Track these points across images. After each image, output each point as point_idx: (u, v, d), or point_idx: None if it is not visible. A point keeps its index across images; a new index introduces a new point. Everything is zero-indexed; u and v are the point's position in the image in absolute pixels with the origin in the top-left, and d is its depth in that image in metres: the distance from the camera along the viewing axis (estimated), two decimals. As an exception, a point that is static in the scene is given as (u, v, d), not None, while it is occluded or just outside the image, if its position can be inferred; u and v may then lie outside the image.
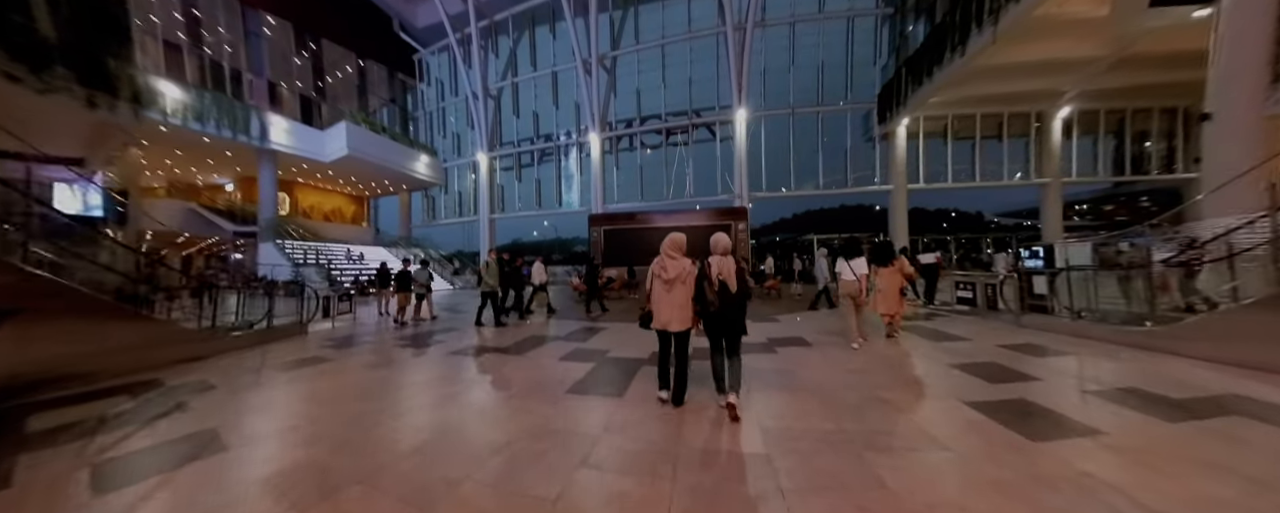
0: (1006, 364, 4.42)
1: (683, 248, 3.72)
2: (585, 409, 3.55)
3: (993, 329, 6.26)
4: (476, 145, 27.11)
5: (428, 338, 6.92)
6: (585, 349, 5.67)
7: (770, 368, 4.53)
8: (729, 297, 3.48)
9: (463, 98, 27.64)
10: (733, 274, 3.49)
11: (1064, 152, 19.64)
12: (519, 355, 5.42)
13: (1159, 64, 15.06)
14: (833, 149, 21.50)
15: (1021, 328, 6.21)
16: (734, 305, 3.49)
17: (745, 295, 3.53)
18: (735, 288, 3.48)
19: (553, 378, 4.37)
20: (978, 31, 11.76)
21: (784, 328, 6.90)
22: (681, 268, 3.57)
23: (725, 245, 3.60)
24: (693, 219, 17.32)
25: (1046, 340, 5.44)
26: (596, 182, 23.44)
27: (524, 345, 6.02)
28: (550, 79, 25.45)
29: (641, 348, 5.49)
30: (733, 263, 3.54)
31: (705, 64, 22.29)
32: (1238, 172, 5.80)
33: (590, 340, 6.27)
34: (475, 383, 4.38)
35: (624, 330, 7.00)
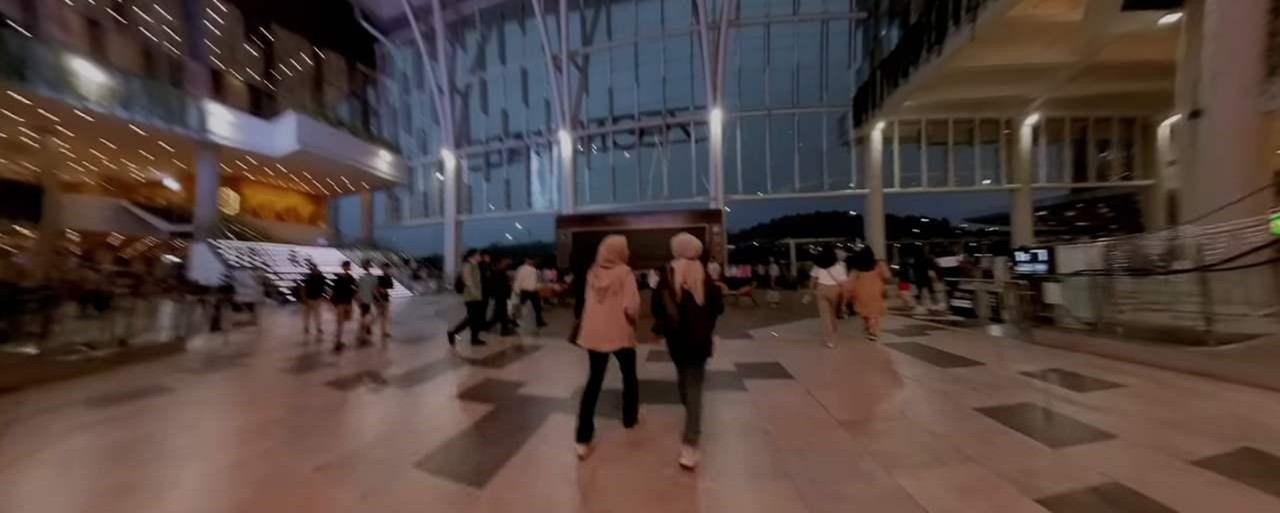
0: (1052, 406, 3.33)
1: (622, 253, 3.09)
2: (424, 496, 2.30)
3: (1001, 348, 5.38)
4: (442, 143, 25.91)
5: (319, 361, 5.58)
6: (496, 381, 4.44)
7: (735, 420, 3.28)
8: (694, 311, 2.82)
9: (428, 93, 26.41)
10: (699, 283, 2.85)
11: (1032, 158, 19.95)
12: (400, 389, 4.22)
13: (1121, 74, 15.43)
14: (809, 152, 21.29)
15: (1035, 346, 5.39)
16: (700, 322, 2.84)
17: (715, 310, 2.89)
18: (702, 300, 2.82)
19: (419, 428, 3.23)
20: (955, 30, 11.60)
21: (758, 349, 5.74)
22: (614, 276, 3.00)
23: (694, 248, 2.95)
24: (666, 221, 16.72)
25: (1077, 365, 4.46)
26: (567, 182, 22.62)
27: (420, 375, 4.78)
28: (519, 75, 24.52)
29: (574, 381, 4.31)
30: (700, 270, 2.90)
31: (679, 63, 21.81)
32: (1232, 170, 5.52)
33: (509, 367, 5.08)
34: (292, 440, 3.05)
35: (563, 353, 5.77)
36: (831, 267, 6.08)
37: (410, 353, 6.02)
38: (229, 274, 15.53)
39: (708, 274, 2.95)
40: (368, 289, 7.33)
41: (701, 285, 2.86)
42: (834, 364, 4.79)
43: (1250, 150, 5.42)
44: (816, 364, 4.80)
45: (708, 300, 2.85)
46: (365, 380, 4.54)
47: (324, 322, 7.90)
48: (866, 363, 4.88)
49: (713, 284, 2.91)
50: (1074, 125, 20.60)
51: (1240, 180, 5.47)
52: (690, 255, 2.94)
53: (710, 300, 2.87)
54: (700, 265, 2.93)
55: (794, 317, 9.02)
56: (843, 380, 4.16)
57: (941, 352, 5.25)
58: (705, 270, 2.95)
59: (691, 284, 2.85)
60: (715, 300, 2.89)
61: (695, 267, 2.90)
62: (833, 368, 4.66)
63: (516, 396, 3.95)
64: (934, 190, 20.67)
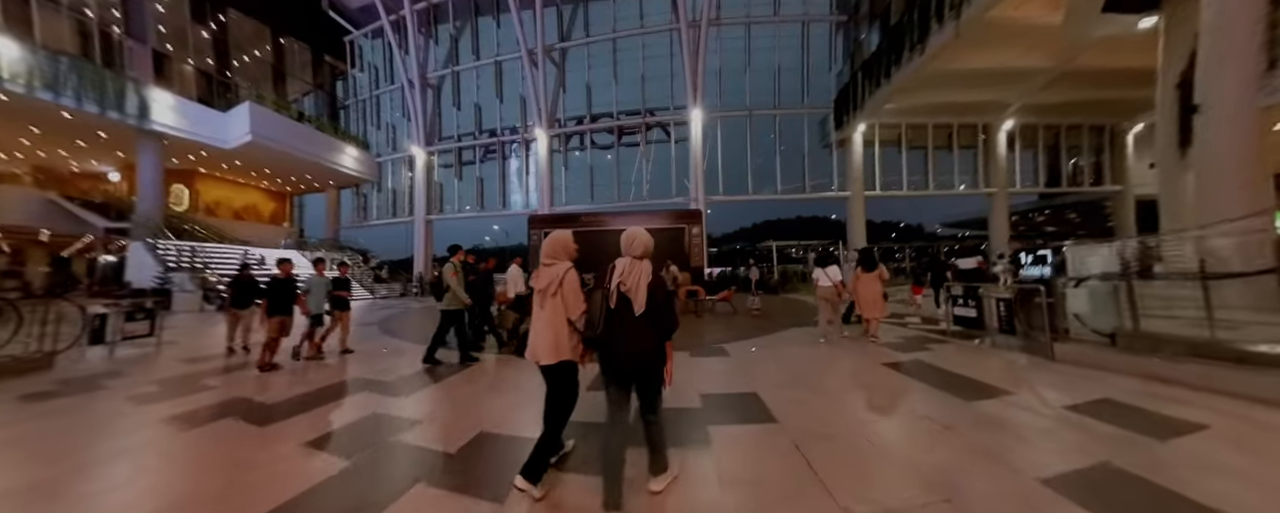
0: (1144, 470, 2.36)
1: (567, 249, 2.54)
2: None
3: (1022, 369, 4.46)
4: (413, 138, 24.82)
5: (197, 385, 4.47)
6: (386, 418, 3.43)
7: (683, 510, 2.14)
8: (630, 322, 2.22)
9: (399, 86, 25.30)
10: (641, 286, 2.24)
11: (1008, 163, 20.16)
12: (252, 428, 3.29)
13: (1092, 81, 15.63)
14: (790, 154, 21.06)
15: (1058, 364, 4.52)
16: (636, 336, 2.22)
17: (662, 322, 2.26)
18: (641, 306, 2.21)
19: (203, 497, 2.31)
20: (938, 28, 11.40)
21: (734, 372, 4.60)
22: (552, 276, 2.45)
23: (641, 245, 2.36)
24: (644, 222, 16.07)
25: (1128, 393, 3.57)
26: (543, 181, 21.85)
27: (298, 405, 3.81)
28: (494, 70, 23.67)
29: (496, 418, 3.36)
30: (646, 270, 2.29)
31: (659, 61, 21.34)
32: (1232, 168, 5.21)
33: (416, 395, 4.04)
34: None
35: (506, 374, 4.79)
36: (828, 267, 6.32)
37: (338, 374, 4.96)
38: (164, 276, 14.27)
39: (659, 278, 2.32)
40: (318, 296, 5.81)
41: (643, 289, 2.24)
42: (830, 397, 3.78)
43: (1251, 146, 5.12)
44: (808, 398, 3.71)
45: (650, 309, 2.23)
46: (223, 416, 3.52)
47: (254, 336, 6.34)
48: (871, 394, 3.88)
49: (662, 289, 2.29)
50: (1047, 132, 20.96)
51: (1242, 178, 5.16)
52: (636, 253, 2.34)
53: (654, 309, 2.24)
54: (648, 265, 2.34)
55: (777, 326, 8.10)
56: (844, 426, 3.15)
57: (956, 375, 4.27)
58: (659, 273, 2.34)
59: (631, 287, 2.25)
60: (662, 311, 2.26)
61: (640, 266, 2.31)
62: (828, 403, 3.61)
63: (396, 443, 2.97)
64: (915, 194, 20.68)
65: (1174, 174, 8.83)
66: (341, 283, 6.29)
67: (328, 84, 28.04)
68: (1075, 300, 4.81)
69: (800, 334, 6.94)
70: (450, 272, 5.39)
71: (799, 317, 9.33)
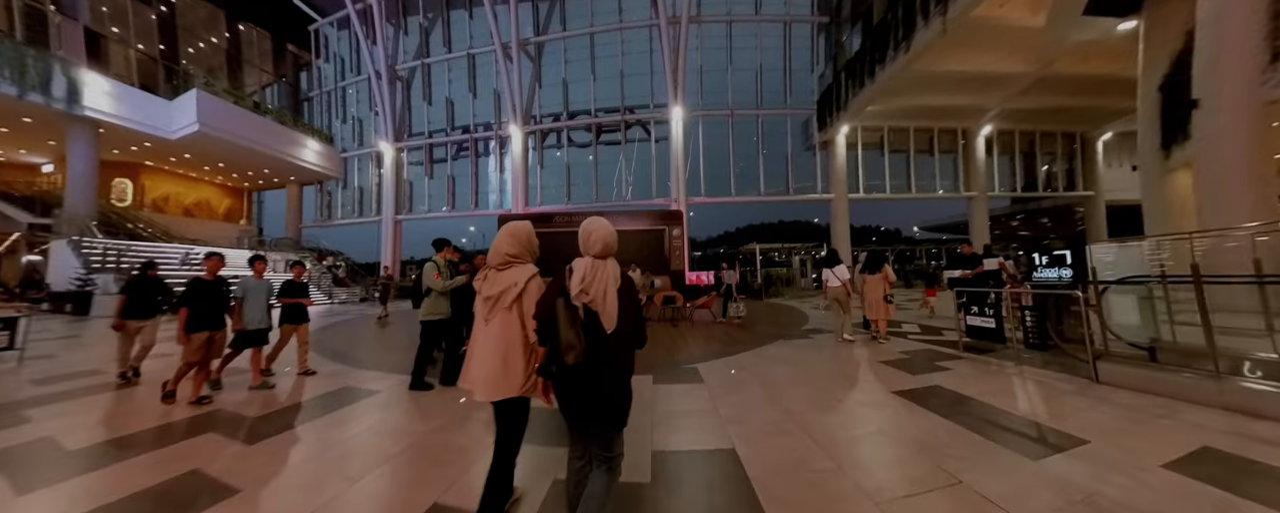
0: None
1: (528, 246, 2.00)
2: None
3: (1067, 397, 3.57)
4: (380, 134, 23.65)
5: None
6: (205, 480, 2.48)
7: None
8: (600, 342, 1.69)
9: (366, 78, 24.10)
10: (609, 297, 1.70)
11: (987, 168, 20.32)
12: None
13: (1067, 88, 15.80)
14: (774, 156, 20.73)
15: (1106, 388, 3.73)
16: (608, 360, 1.69)
17: (630, 340, 1.76)
18: (613, 324, 1.69)
19: None
20: (924, 25, 11.17)
21: (706, 407, 3.63)
22: (510, 282, 1.93)
23: (602, 241, 1.77)
24: (623, 223, 15.30)
25: (1225, 436, 2.77)
26: (517, 180, 21.01)
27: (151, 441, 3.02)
28: (466, 63, 22.72)
29: (449, 481, 2.42)
30: (614, 273, 1.74)
31: (638, 57, 20.77)
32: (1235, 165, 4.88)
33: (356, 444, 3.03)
34: None
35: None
36: (836, 267, 6.39)
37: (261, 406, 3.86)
38: (85, 277, 12.95)
39: (630, 282, 1.76)
40: (256, 305, 4.52)
41: (613, 297, 1.68)
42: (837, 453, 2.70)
43: (1255, 143, 4.81)
44: (806, 454, 2.67)
45: (624, 322, 1.69)
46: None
47: (156, 355, 5.04)
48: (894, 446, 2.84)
49: (633, 297, 1.74)
50: (1023, 138, 21.28)
51: (1246, 175, 4.85)
52: (596, 251, 1.75)
53: (627, 323, 1.70)
54: (614, 265, 1.76)
55: (760, 338, 7.00)
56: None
57: (995, 410, 3.29)
58: (627, 275, 1.78)
59: (597, 297, 1.67)
60: (632, 325, 1.73)
61: (605, 269, 1.73)
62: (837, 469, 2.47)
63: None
64: (898, 197, 20.66)
65: (1157, 176, 8.71)
66: (295, 288, 5.08)
67: (290, 75, 26.59)
68: (1121, 309, 4.10)
69: (787, 350, 6.00)
70: (431, 272, 4.32)
71: (784, 326, 8.55)
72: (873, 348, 5.84)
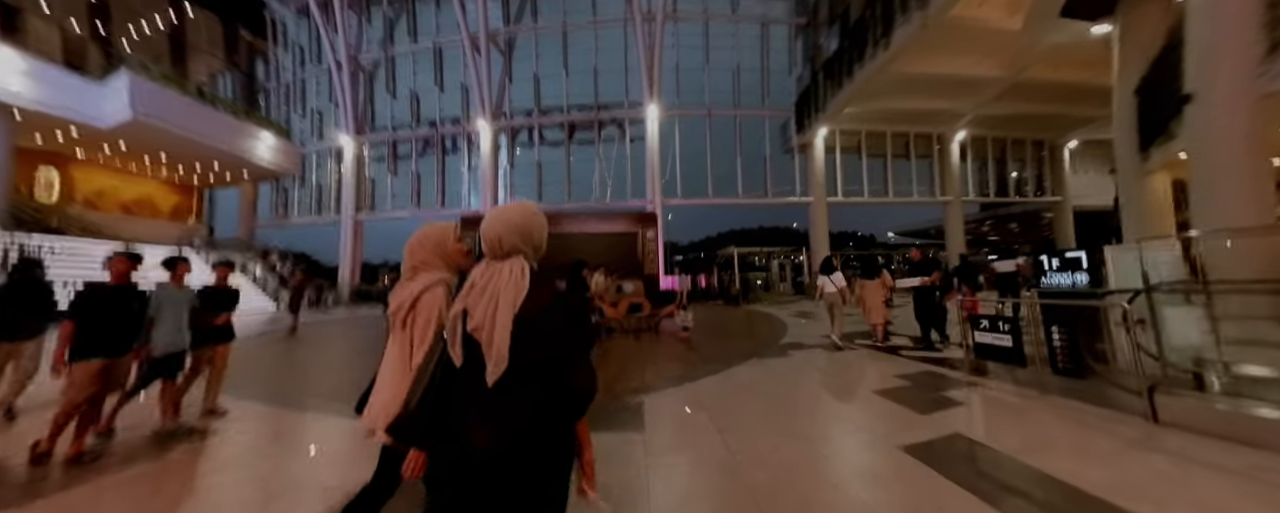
0: None
1: (443, 252, 1.55)
2: None
3: (1132, 448, 2.75)
4: (341, 127, 22.39)
5: None
6: None
7: None
8: (485, 396, 1.03)
9: (327, 68, 22.81)
10: (501, 320, 1.04)
11: (961, 173, 20.52)
12: None
13: (1038, 95, 15.93)
14: (752, 158, 20.42)
15: (1172, 431, 2.91)
16: (503, 422, 1.03)
17: (560, 390, 1.06)
18: (499, 363, 1.02)
19: None
20: (903, 20, 10.94)
21: (636, 476, 2.52)
22: (407, 297, 1.46)
23: (510, 236, 1.15)
24: (594, 225, 14.59)
25: None
26: (486, 179, 20.10)
27: None
28: (433, 55, 21.72)
29: None
30: (515, 284, 1.08)
31: (613, 53, 20.17)
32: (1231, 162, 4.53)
33: None
34: None
35: None
36: (832, 275, 6.46)
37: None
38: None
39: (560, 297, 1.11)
40: (172, 321, 3.36)
41: (503, 325, 1.04)
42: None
43: (1252, 138, 4.48)
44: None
45: (523, 369, 1.04)
46: None
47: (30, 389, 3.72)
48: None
49: (558, 324, 1.09)
50: (995, 145, 21.60)
51: (1243, 173, 4.51)
52: (503, 251, 1.14)
53: (532, 370, 1.05)
54: (520, 268, 1.11)
55: (730, 356, 5.97)
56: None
57: (1058, 484, 2.31)
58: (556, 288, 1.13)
59: (483, 322, 1.06)
60: (555, 369, 1.07)
61: (500, 276, 1.09)
62: None
63: None
64: (877, 201, 20.67)
65: (1135, 179, 8.54)
66: (218, 298, 3.88)
67: (244, 63, 25.02)
68: (1190, 327, 3.16)
69: (761, 374, 4.97)
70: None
71: (760, 339, 7.58)
72: (862, 367, 5.19)
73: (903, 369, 4.92)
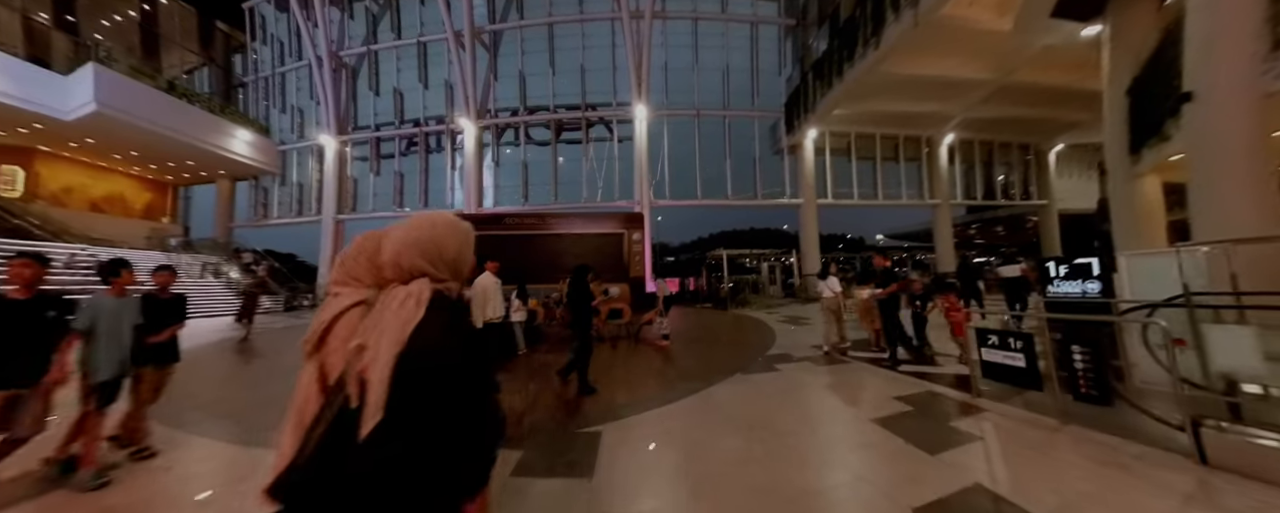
0: None
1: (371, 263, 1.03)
2: None
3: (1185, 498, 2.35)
4: (322, 125, 21.79)
5: None
6: None
7: None
8: (378, 460, 0.76)
9: (307, 64, 22.20)
10: (380, 361, 0.77)
11: (949, 176, 20.50)
12: None
13: (1025, 98, 15.94)
14: (742, 159, 20.23)
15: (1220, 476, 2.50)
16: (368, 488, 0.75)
17: (442, 451, 0.79)
18: (376, 409, 0.76)
19: None
20: (894, 19, 10.77)
21: None
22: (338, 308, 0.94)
23: (413, 248, 0.92)
24: (579, 226, 14.14)
25: None
26: (470, 179, 19.64)
27: None
28: (416, 51, 21.22)
29: None
30: (405, 313, 0.80)
31: (600, 52, 19.85)
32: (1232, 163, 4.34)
33: None
34: None
35: None
36: (829, 280, 6.49)
37: None
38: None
39: (455, 324, 0.87)
40: (113, 337, 2.85)
41: (385, 361, 0.77)
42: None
43: (1255, 139, 4.29)
44: None
45: (399, 421, 0.76)
46: None
47: None
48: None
49: (450, 364, 0.82)
50: (982, 148, 21.66)
51: (1244, 174, 4.32)
52: (402, 273, 0.92)
53: (409, 423, 0.77)
54: (418, 300, 0.82)
55: (711, 370, 5.47)
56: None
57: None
58: (458, 318, 0.90)
59: (367, 363, 0.79)
60: (440, 423, 0.80)
61: (401, 307, 0.82)
62: None
63: None
64: (866, 203, 20.60)
65: (1125, 181, 8.42)
66: (161, 309, 3.26)
67: (221, 57, 24.27)
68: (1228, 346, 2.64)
69: (743, 395, 4.40)
70: None
71: (745, 349, 7.06)
72: (856, 386, 4.72)
73: (901, 389, 4.47)
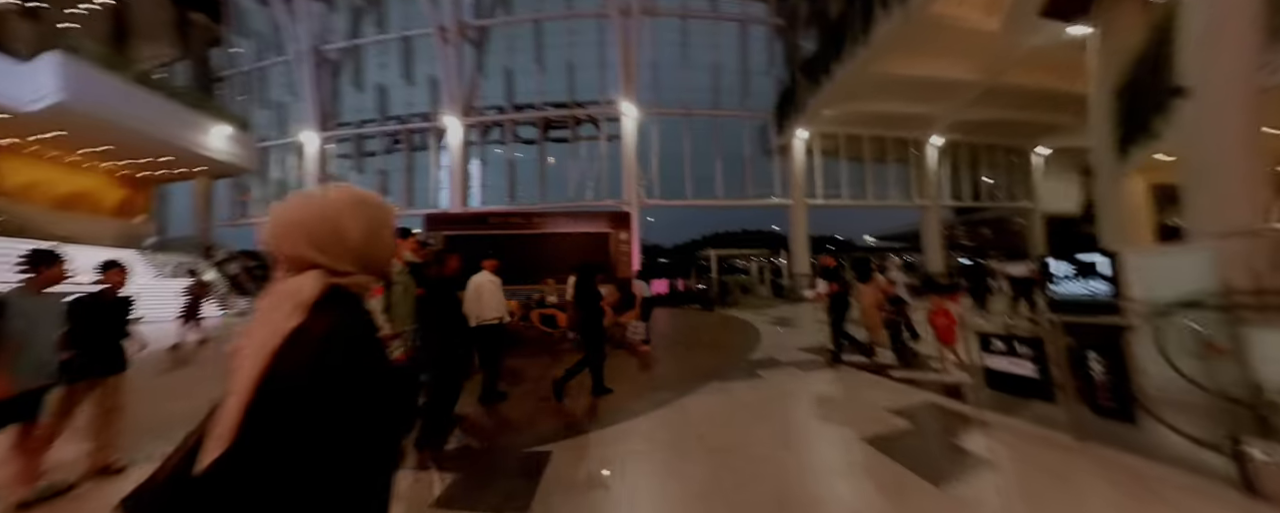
0: None
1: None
2: None
3: None
4: (304, 120, 21.25)
5: None
6: None
7: None
8: None
9: (288, 58, 21.64)
10: (240, 380, 0.53)
11: (937, 178, 20.56)
12: None
13: (1012, 101, 16.05)
14: (731, 159, 20.14)
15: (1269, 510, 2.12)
16: None
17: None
18: (218, 445, 0.51)
19: None
20: (885, 15, 10.68)
21: None
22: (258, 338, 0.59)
23: (295, 231, 0.65)
24: (565, 225, 13.80)
25: None
26: (455, 177, 19.26)
27: None
28: (401, 46, 20.80)
29: None
30: (285, 325, 0.54)
31: (588, 49, 19.60)
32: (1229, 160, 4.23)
33: None
34: None
35: None
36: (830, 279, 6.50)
37: None
38: None
39: (337, 330, 0.57)
40: (40, 343, 2.48)
41: (249, 375, 0.53)
42: None
43: (1252, 135, 4.18)
44: None
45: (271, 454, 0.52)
46: None
47: None
48: None
49: (352, 367, 0.56)
50: (969, 151, 21.82)
51: (1241, 172, 4.21)
52: (286, 262, 0.65)
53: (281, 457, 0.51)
54: (295, 301, 0.58)
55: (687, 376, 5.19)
56: None
57: None
58: (345, 322, 0.59)
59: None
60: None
61: (274, 309, 0.59)
62: None
63: None
64: (855, 203, 20.53)
65: (1113, 181, 8.39)
66: (103, 311, 2.91)
67: (198, 49, 23.55)
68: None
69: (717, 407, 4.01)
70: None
71: (727, 351, 6.82)
72: (846, 396, 4.36)
73: (896, 400, 4.03)
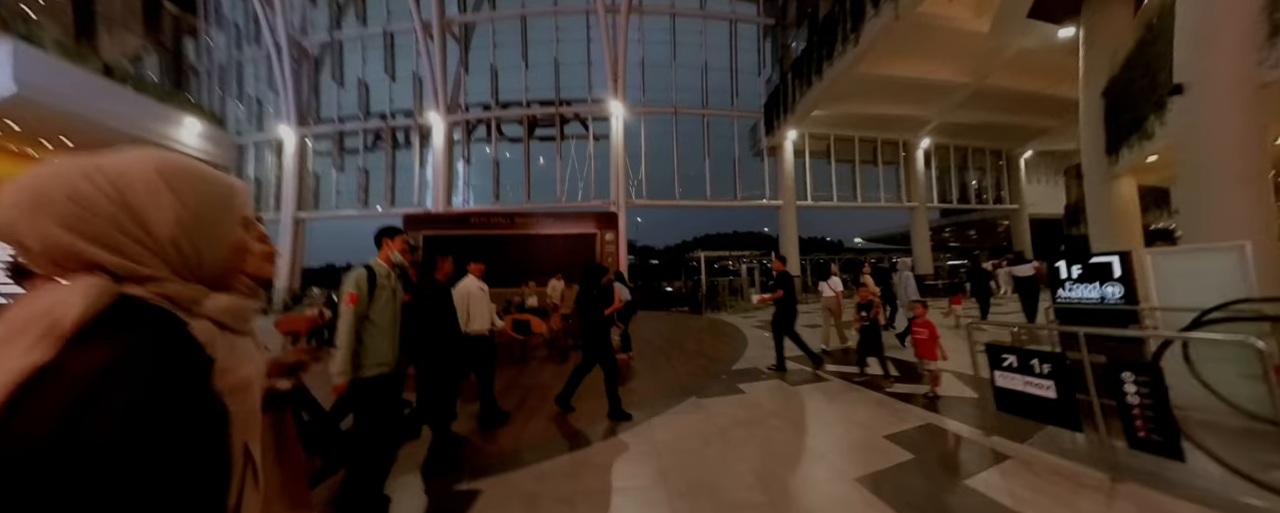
0: None
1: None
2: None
3: None
4: (281, 116, 20.58)
5: None
6: None
7: None
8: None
9: (266, 51, 20.94)
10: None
11: (926, 180, 20.68)
12: None
13: (999, 104, 16.12)
14: (721, 160, 19.94)
15: None
16: None
17: None
18: None
19: None
20: (874, 13, 10.57)
21: None
22: None
23: (45, 211, 0.47)
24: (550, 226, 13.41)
25: None
26: (439, 176, 18.79)
27: None
28: (383, 41, 20.26)
29: None
30: (32, 358, 0.39)
31: (575, 46, 19.27)
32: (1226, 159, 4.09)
33: None
34: None
35: None
36: (830, 280, 6.77)
37: None
38: None
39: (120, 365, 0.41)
40: None
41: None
42: None
43: (1251, 131, 4.04)
44: None
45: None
46: None
47: None
48: None
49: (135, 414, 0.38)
50: (956, 153, 21.96)
51: (1239, 171, 4.07)
52: (41, 261, 0.49)
53: None
54: (48, 320, 0.42)
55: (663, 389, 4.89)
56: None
57: None
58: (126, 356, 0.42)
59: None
60: None
61: (11, 335, 0.41)
62: None
63: None
64: (845, 205, 20.51)
65: (1102, 182, 8.32)
66: None
67: (170, 40, 22.70)
68: None
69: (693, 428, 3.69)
70: (349, 290, 2.40)
71: (710, 360, 6.47)
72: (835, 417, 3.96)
73: (891, 422, 3.64)
